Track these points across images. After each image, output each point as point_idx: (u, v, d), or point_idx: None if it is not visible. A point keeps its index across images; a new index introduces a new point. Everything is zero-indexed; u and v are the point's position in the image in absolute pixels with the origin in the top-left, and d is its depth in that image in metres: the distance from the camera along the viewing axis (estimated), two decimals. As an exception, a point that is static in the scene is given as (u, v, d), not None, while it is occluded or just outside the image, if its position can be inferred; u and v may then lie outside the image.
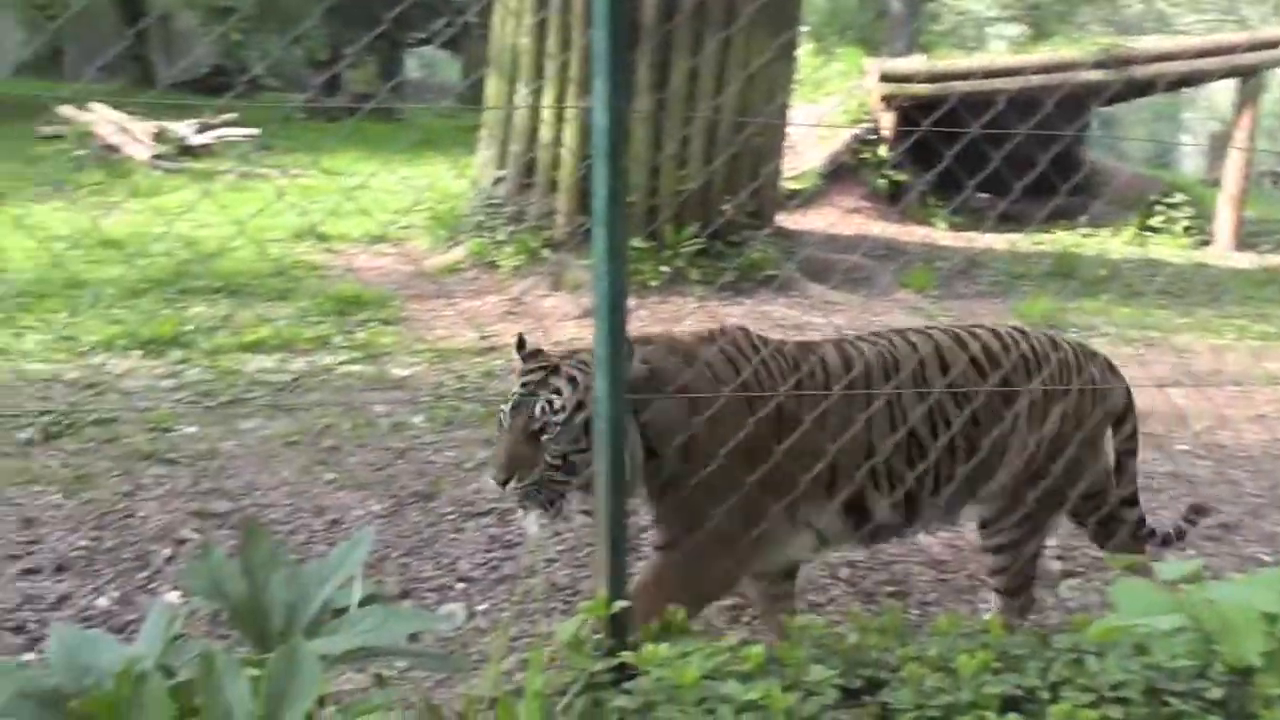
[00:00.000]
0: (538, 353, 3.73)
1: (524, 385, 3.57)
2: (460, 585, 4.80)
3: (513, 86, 10.84)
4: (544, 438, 3.47)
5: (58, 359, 7.51)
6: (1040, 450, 4.11)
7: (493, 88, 11.18)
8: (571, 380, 3.55)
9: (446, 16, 29.83)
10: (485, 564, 4.97)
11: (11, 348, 7.73)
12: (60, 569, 4.85)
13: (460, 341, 8.27)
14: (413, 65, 43.27)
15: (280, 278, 9.81)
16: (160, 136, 16.99)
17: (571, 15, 10.26)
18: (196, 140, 17.35)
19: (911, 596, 4.94)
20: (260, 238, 11.22)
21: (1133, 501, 4.63)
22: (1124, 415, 4.49)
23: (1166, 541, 4.73)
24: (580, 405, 3.46)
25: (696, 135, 10.48)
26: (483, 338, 8.26)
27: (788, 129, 12.96)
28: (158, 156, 16.41)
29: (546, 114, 10.52)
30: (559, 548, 5.05)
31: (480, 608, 4.54)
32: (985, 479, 4.08)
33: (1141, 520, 4.66)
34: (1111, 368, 4.48)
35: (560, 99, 10.48)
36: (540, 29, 10.50)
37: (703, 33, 10.19)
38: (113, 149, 16.50)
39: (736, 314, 9.32)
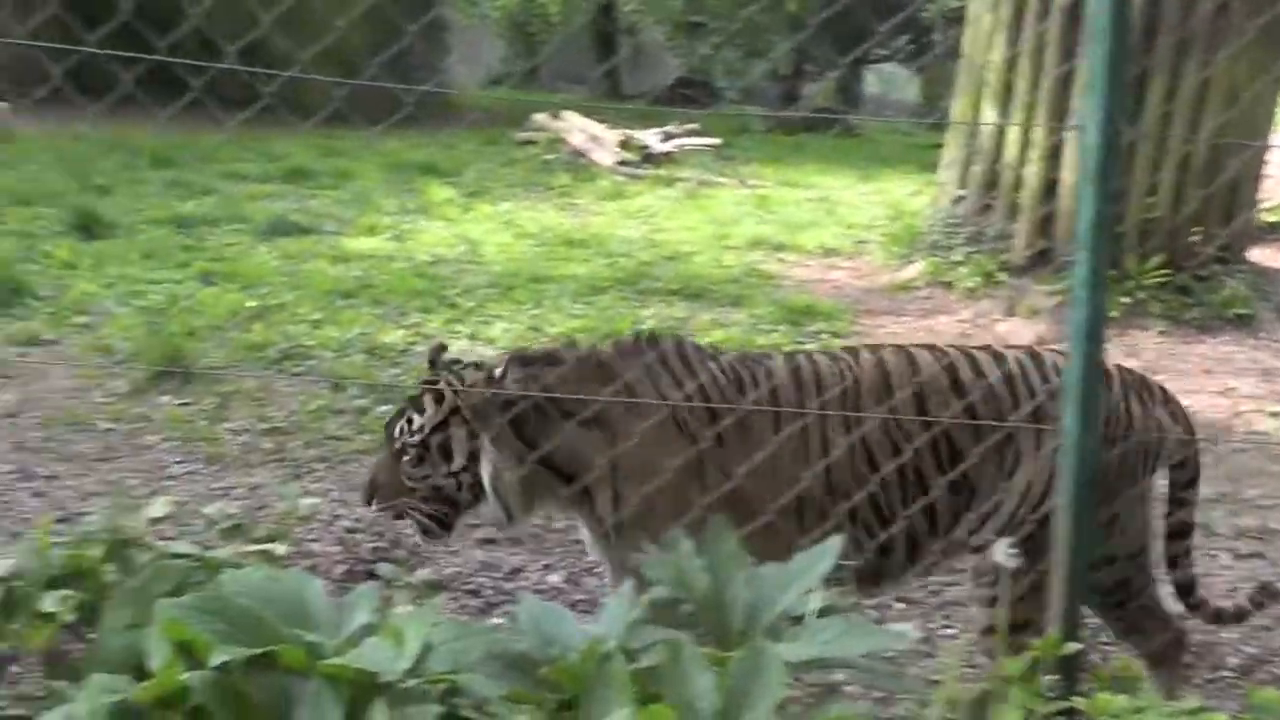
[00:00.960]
0: (439, 363, 3.59)
1: (406, 400, 3.46)
2: (900, 606, 4.68)
3: (979, 106, 10.58)
4: (403, 459, 3.34)
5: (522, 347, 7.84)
6: (1024, 497, 3.48)
7: (959, 106, 10.94)
8: (438, 398, 3.36)
9: (909, 34, 29.64)
10: (926, 586, 4.82)
11: (481, 334, 8.16)
12: (515, 542, 5.05)
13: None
14: (871, 81, 43.17)
15: (735, 284, 9.92)
16: (625, 144, 17.59)
17: (1048, 36, 9.93)
18: (659, 148, 17.83)
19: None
20: (718, 244, 11.40)
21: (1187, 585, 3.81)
22: (1181, 465, 3.74)
23: (1220, 618, 3.85)
24: (441, 425, 3.31)
25: (1169, 160, 9.91)
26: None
27: (1267, 157, 12.08)
28: (622, 163, 16.99)
29: (1011, 135, 10.20)
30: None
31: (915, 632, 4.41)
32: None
33: (1191, 587, 3.82)
34: (1172, 407, 3.71)
35: (1027, 120, 10.14)
36: (1013, 49, 10.21)
37: (1187, 52, 9.63)
38: (581, 155, 17.22)
39: (1198, 353, 8.76)
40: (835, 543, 2.38)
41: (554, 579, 4.72)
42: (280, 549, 2.87)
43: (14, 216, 11.01)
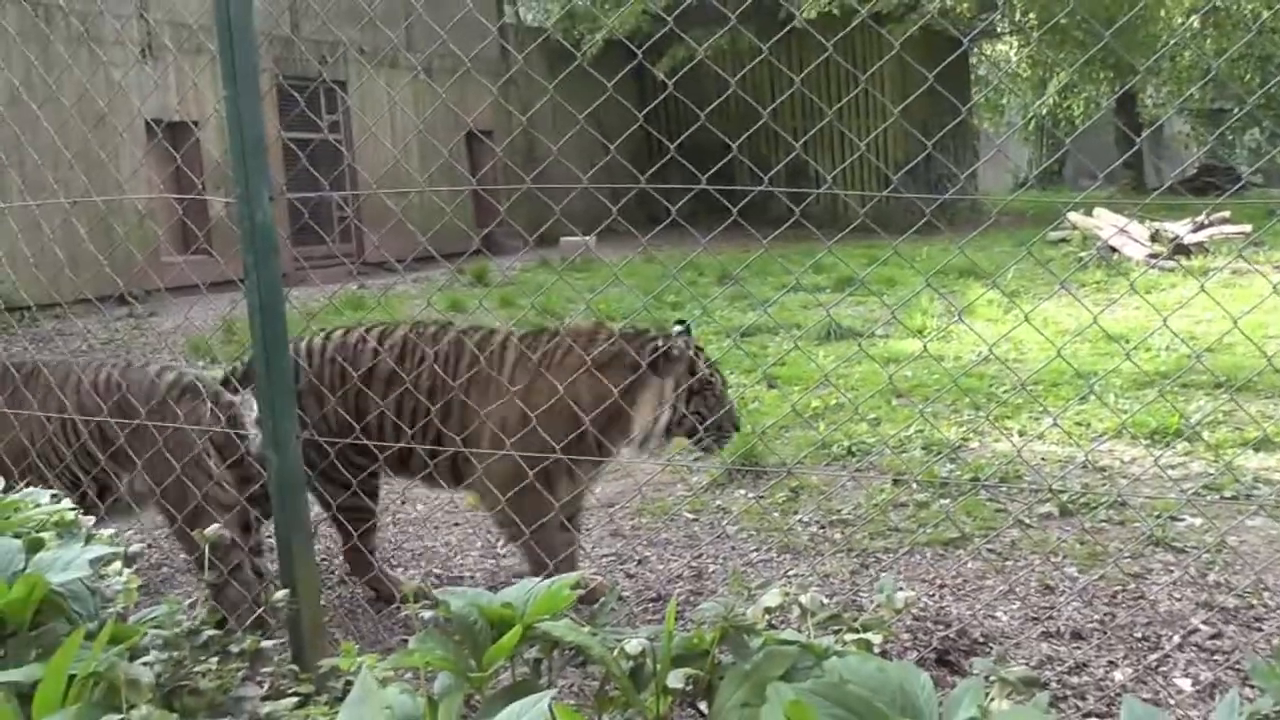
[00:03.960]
0: None
1: None
2: None
3: None
4: None
5: (1070, 443, 7.65)
6: None
7: None
8: None
9: None
10: None
11: (1030, 429, 8.02)
12: (1076, 635, 4.91)
13: None
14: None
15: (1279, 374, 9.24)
16: (1156, 237, 16.86)
17: None
18: (1190, 239, 16.98)
19: None
20: (1257, 334, 10.67)
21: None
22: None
23: None
24: None
25: None
26: None
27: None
28: (1153, 255, 16.30)
29: None
30: None
31: None
32: None
33: None
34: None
35: None
36: None
37: None
38: (1113, 250, 16.65)
39: None
40: None
41: (1118, 676, 4.53)
42: (876, 639, 2.93)
43: (606, 332, 11.91)
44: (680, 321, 5.23)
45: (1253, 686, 3.54)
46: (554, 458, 4.69)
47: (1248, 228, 17.55)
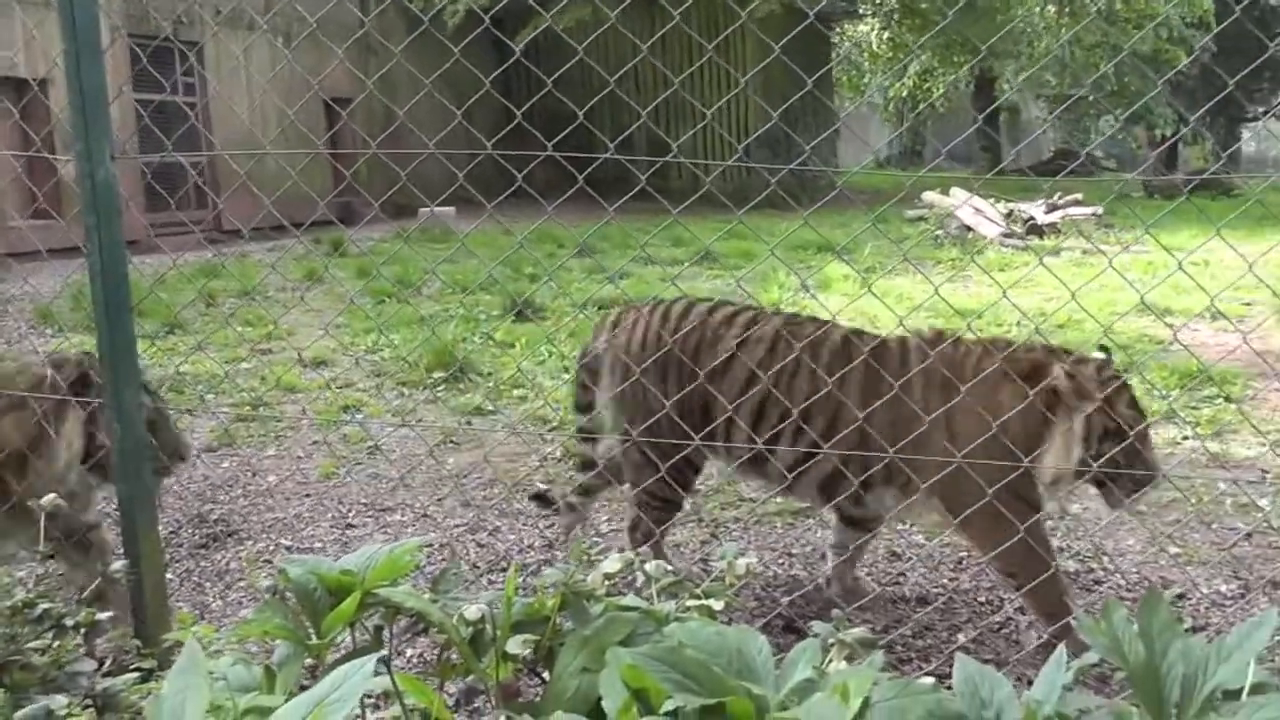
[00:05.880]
0: None
1: None
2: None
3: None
4: None
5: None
6: None
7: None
8: None
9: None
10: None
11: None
12: (922, 600, 4.97)
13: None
14: (1247, 138, 40.85)
15: (1125, 351, 9.48)
16: (1010, 217, 17.25)
17: None
18: (1043, 220, 17.41)
19: None
20: (1105, 311, 10.95)
21: None
22: None
23: None
24: None
25: None
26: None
27: None
28: (1007, 235, 16.66)
29: None
30: None
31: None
32: None
33: None
34: None
35: None
36: None
37: None
38: (968, 229, 16.99)
39: None
40: (1272, 614, 2.22)
41: (960, 638, 4.60)
42: (718, 605, 2.91)
43: (459, 304, 11.80)
44: (1103, 348, 4.56)
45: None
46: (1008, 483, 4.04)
47: (1099, 209, 18.07)
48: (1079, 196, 18.39)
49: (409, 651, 4.37)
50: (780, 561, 5.43)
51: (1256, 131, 41.05)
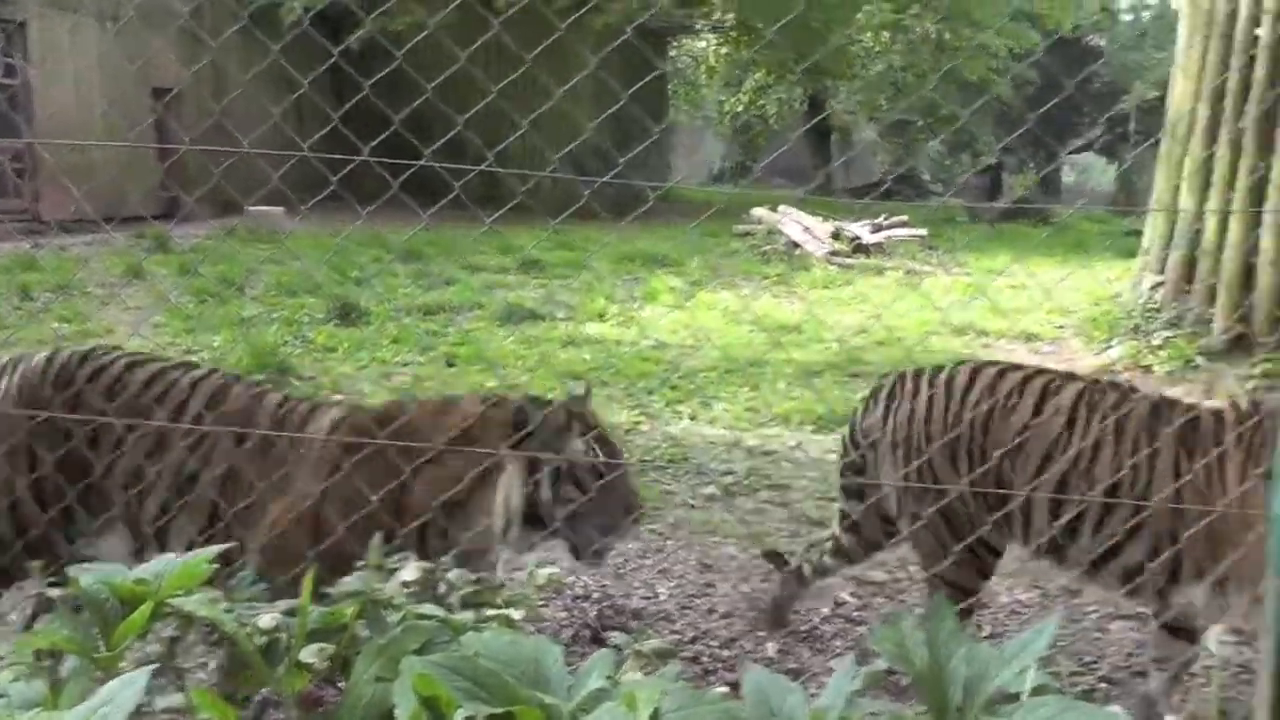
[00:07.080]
0: None
1: None
2: (1103, 686, 4.47)
3: (1177, 193, 10.38)
4: None
5: (740, 427, 7.85)
6: None
7: (1158, 193, 10.78)
8: None
9: (1106, 125, 29.21)
10: (1128, 667, 4.61)
11: (701, 414, 8.18)
12: (729, 615, 5.01)
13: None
14: (1067, 170, 42.52)
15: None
16: (837, 235, 17.58)
17: (1246, 121, 9.72)
18: (870, 239, 17.78)
19: None
20: (925, 329, 11.25)
21: None
22: None
23: None
24: None
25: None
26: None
27: None
28: (833, 253, 16.99)
29: (1211, 220, 9.95)
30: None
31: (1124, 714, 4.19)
32: None
33: None
34: None
35: (1224, 206, 9.88)
36: (1211, 137, 10.03)
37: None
38: (796, 245, 17.27)
39: None
40: (1052, 623, 2.29)
41: (769, 649, 4.65)
42: (517, 614, 2.88)
43: (282, 306, 11.56)
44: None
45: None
46: None
47: (924, 231, 18.57)
48: (905, 218, 18.86)
49: (212, 664, 4.22)
50: (591, 574, 5.42)
51: (1075, 164, 42.77)
